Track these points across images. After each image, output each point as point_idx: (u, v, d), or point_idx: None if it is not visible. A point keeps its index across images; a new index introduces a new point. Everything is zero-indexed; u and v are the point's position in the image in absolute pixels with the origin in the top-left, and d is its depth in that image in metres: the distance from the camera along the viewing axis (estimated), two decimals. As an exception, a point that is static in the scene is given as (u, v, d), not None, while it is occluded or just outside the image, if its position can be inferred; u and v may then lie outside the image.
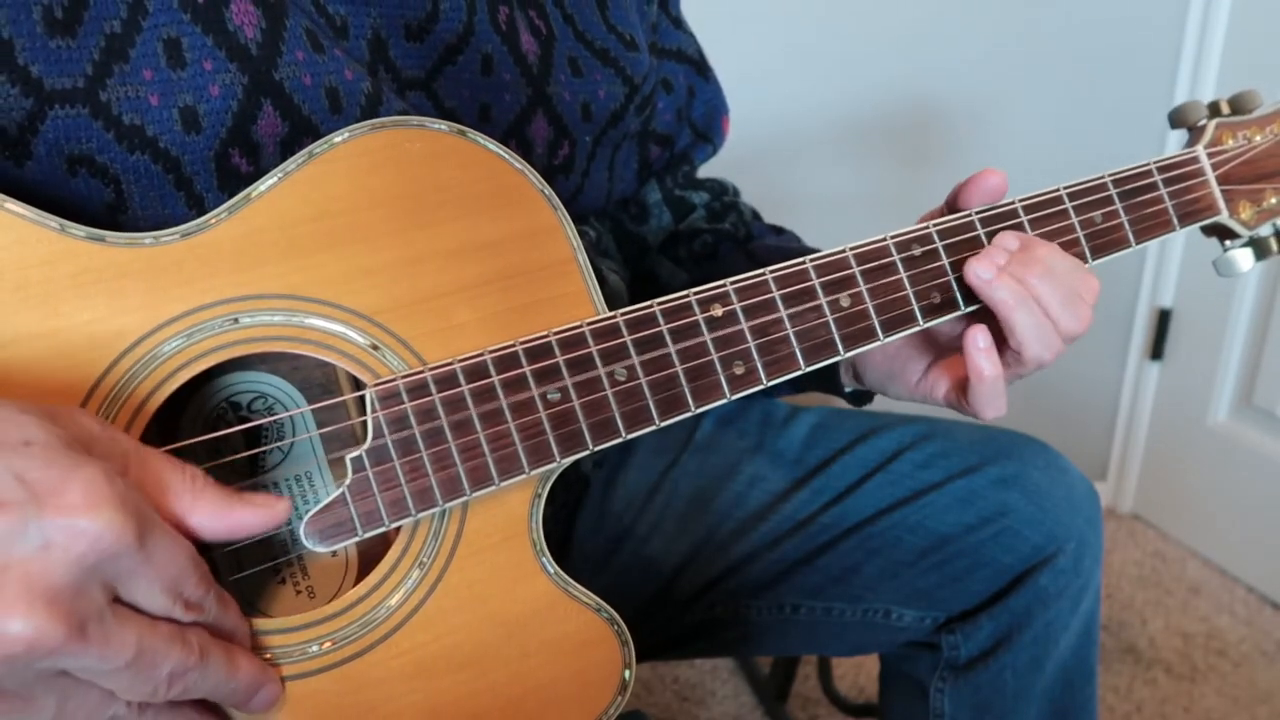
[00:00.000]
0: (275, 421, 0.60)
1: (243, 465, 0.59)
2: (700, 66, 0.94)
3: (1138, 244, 0.72)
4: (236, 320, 0.53)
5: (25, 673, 0.41)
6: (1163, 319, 2.01)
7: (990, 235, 0.68)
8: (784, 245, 0.88)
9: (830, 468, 0.90)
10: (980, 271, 0.65)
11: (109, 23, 0.55)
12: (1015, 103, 1.81)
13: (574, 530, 0.94)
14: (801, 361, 0.63)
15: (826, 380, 0.81)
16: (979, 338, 0.66)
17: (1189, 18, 1.84)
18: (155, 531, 0.43)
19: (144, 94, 0.56)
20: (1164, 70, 1.88)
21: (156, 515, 0.44)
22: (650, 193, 0.93)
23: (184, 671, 0.45)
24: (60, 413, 0.45)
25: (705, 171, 0.98)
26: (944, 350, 0.73)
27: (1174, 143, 1.90)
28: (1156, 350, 2.03)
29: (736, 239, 0.91)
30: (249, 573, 0.58)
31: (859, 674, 1.66)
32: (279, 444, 0.60)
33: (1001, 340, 0.68)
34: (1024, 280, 0.65)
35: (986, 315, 0.67)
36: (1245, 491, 1.90)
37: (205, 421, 0.58)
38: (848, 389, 0.82)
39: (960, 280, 0.67)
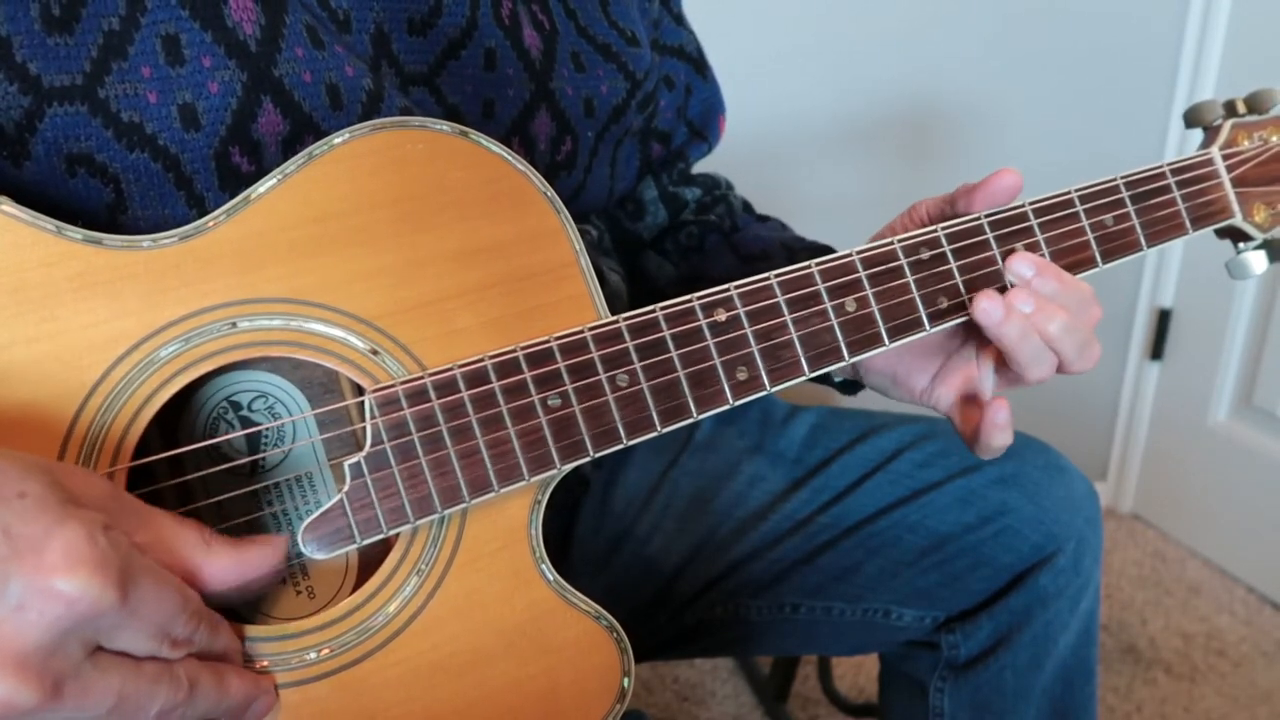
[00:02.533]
0: (276, 424, 0.59)
1: (243, 468, 0.59)
2: (699, 65, 0.93)
3: (1149, 247, 0.71)
4: (235, 324, 0.53)
5: None
6: (1163, 319, 2.01)
7: (999, 239, 0.67)
8: (767, 235, 0.88)
9: (830, 467, 0.90)
10: (991, 311, 0.64)
11: (107, 19, 0.55)
12: (1015, 102, 1.81)
13: (574, 530, 0.93)
14: (806, 367, 0.63)
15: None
16: (999, 414, 0.66)
17: (1189, 18, 1.84)
18: (141, 581, 0.43)
19: (142, 91, 0.55)
20: (1164, 70, 1.88)
21: (142, 562, 0.44)
22: (646, 189, 0.92)
23: (172, 708, 0.45)
24: (74, 473, 0.44)
25: (704, 170, 0.97)
26: (950, 356, 0.72)
27: (1173, 141, 1.90)
28: (1156, 350, 2.03)
29: (723, 230, 0.91)
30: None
31: (859, 674, 1.66)
32: (280, 447, 0.59)
33: (1000, 359, 0.68)
34: (1044, 331, 0.65)
35: None
36: (1245, 491, 1.90)
37: (205, 421, 0.58)
38: (838, 379, 0.81)
39: (968, 284, 0.66)
